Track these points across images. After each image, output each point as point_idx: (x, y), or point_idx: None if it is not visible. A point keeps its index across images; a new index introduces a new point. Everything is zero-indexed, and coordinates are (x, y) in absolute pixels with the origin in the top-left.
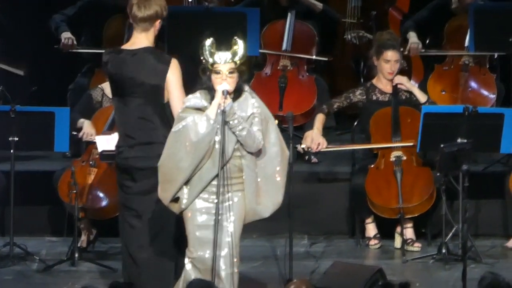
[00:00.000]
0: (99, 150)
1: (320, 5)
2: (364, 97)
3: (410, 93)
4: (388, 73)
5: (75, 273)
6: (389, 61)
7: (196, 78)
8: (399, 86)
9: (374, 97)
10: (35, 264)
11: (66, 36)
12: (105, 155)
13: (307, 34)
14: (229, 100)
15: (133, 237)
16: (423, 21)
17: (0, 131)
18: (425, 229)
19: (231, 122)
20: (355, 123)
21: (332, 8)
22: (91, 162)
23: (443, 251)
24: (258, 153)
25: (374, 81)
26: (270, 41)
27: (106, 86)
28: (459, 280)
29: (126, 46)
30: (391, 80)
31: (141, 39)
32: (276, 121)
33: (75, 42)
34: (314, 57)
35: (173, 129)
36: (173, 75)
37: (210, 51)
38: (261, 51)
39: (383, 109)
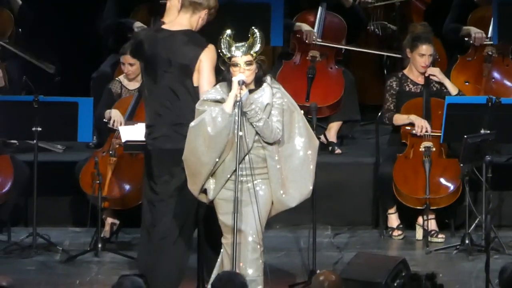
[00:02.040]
0: (123, 140)
1: (350, 1)
2: (398, 87)
3: (442, 84)
4: (422, 66)
5: (98, 264)
6: (423, 55)
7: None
8: (431, 77)
9: (407, 88)
10: (58, 255)
11: (138, 25)
12: (129, 145)
13: (338, 25)
14: (245, 90)
15: (155, 221)
16: (458, 16)
17: (23, 121)
18: (449, 220)
19: (248, 113)
20: (379, 114)
21: (362, 10)
22: (111, 152)
23: (467, 242)
24: (282, 144)
25: (406, 71)
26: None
27: (124, 78)
28: (482, 271)
29: (166, 26)
30: (424, 72)
31: (183, 21)
32: (302, 112)
33: None
34: (348, 47)
35: (191, 124)
36: (207, 59)
37: (227, 43)
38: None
39: (415, 99)
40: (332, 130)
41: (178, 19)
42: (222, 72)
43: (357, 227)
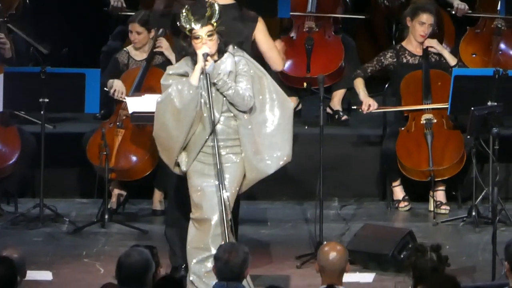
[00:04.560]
0: (130, 111)
1: None
2: (395, 60)
3: (440, 56)
4: (420, 35)
5: (104, 235)
6: (424, 23)
7: None
8: (429, 48)
9: (404, 60)
10: (65, 226)
11: None
12: (136, 117)
13: None
14: (210, 61)
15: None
16: None
17: (30, 92)
18: (456, 192)
19: (217, 83)
20: (386, 86)
21: None
22: (118, 123)
23: (473, 214)
24: (254, 111)
25: (404, 43)
26: (295, 4)
27: (131, 49)
28: (489, 243)
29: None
30: (422, 43)
31: None
32: (305, 84)
33: (124, 4)
34: (343, 15)
35: (158, 100)
36: (261, 30)
37: (186, 17)
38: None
39: (414, 72)
40: (336, 98)
41: None
42: (184, 46)
43: (363, 199)
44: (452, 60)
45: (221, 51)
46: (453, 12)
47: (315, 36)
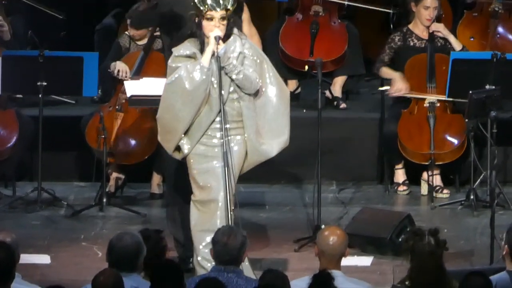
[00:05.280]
0: (128, 95)
1: None
2: (402, 43)
3: (446, 40)
4: (426, 19)
5: (103, 218)
6: (428, 7)
7: None
8: (435, 33)
9: (411, 43)
10: (63, 209)
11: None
12: (134, 100)
13: None
14: (222, 45)
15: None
16: None
17: (28, 76)
18: (454, 176)
19: (226, 67)
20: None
21: None
22: (117, 107)
23: (472, 197)
24: (256, 94)
25: (411, 26)
26: None
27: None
28: (487, 226)
29: None
30: (428, 27)
31: None
32: (306, 67)
33: None
34: (350, 2)
35: (166, 81)
36: (245, 19)
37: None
38: None
39: (419, 55)
40: (337, 85)
41: None
42: (191, 27)
43: (362, 182)
44: (457, 46)
45: (227, 36)
46: None
47: (321, 20)
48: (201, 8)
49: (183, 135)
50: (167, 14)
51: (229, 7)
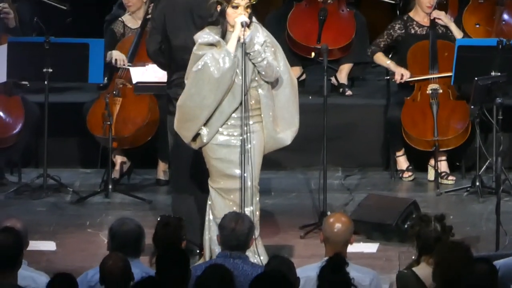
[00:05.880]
0: (134, 81)
1: None
2: (403, 30)
3: (447, 28)
4: (427, 6)
5: (108, 205)
6: None
7: None
8: (436, 20)
9: (412, 31)
10: (68, 196)
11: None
12: (139, 87)
13: None
14: (248, 31)
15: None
16: None
17: (34, 62)
18: (459, 162)
19: (251, 54)
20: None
21: None
22: (115, 92)
23: (477, 184)
24: (273, 82)
25: (412, 14)
26: None
27: (127, 18)
28: (492, 213)
29: None
30: (429, 14)
31: None
32: (313, 54)
33: None
34: None
35: (193, 69)
36: None
37: None
38: None
39: (421, 42)
40: (343, 72)
41: None
42: (213, 14)
43: (367, 168)
44: (458, 33)
45: (248, 24)
46: None
47: (330, 8)
48: None
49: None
50: None
51: None
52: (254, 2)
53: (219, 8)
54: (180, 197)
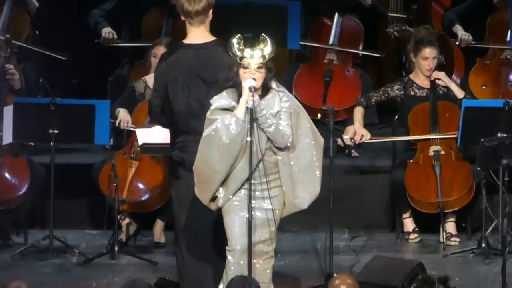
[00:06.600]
0: (140, 143)
1: (368, 2)
2: (402, 92)
3: (448, 88)
4: (426, 70)
5: (114, 266)
6: (427, 58)
7: None
8: (437, 81)
9: (412, 93)
10: (74, 257)
11: (107, 30)
12: (145, 148)
13: (355, 29)
14: (256, 96)
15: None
16: (465, 14)
17: (40, 123)
18: (465, 224)
19: (259, 119)
20: (396, 117)
21: (380, 4)
22: (132, 155)
23: (483, 245)
24: (291, 146)
25: (412, 76)
26: (317, 34)
27: (149, 79)
28: (498, 274)
29: (189, 41)
30: (429, 76)
31: (202, 33)
32: (319, 115)
33: (115, 36)
34: (363, 52)
35: (204, 134)
36: None
37: (238, 45)
38: (307, 43)
39: (422, 104)
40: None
41: (194, 33)
42: (229, 77)
43: (374, 230)
44: (459, 93)
45: (265, 87)
46: (457, 43)
47: (335, 68)
48: (239, 55)
49: (219, 186)
50: None
51: (265, 54)
52: (267, 61)
53: (235, 69)
54: (186, 261)
